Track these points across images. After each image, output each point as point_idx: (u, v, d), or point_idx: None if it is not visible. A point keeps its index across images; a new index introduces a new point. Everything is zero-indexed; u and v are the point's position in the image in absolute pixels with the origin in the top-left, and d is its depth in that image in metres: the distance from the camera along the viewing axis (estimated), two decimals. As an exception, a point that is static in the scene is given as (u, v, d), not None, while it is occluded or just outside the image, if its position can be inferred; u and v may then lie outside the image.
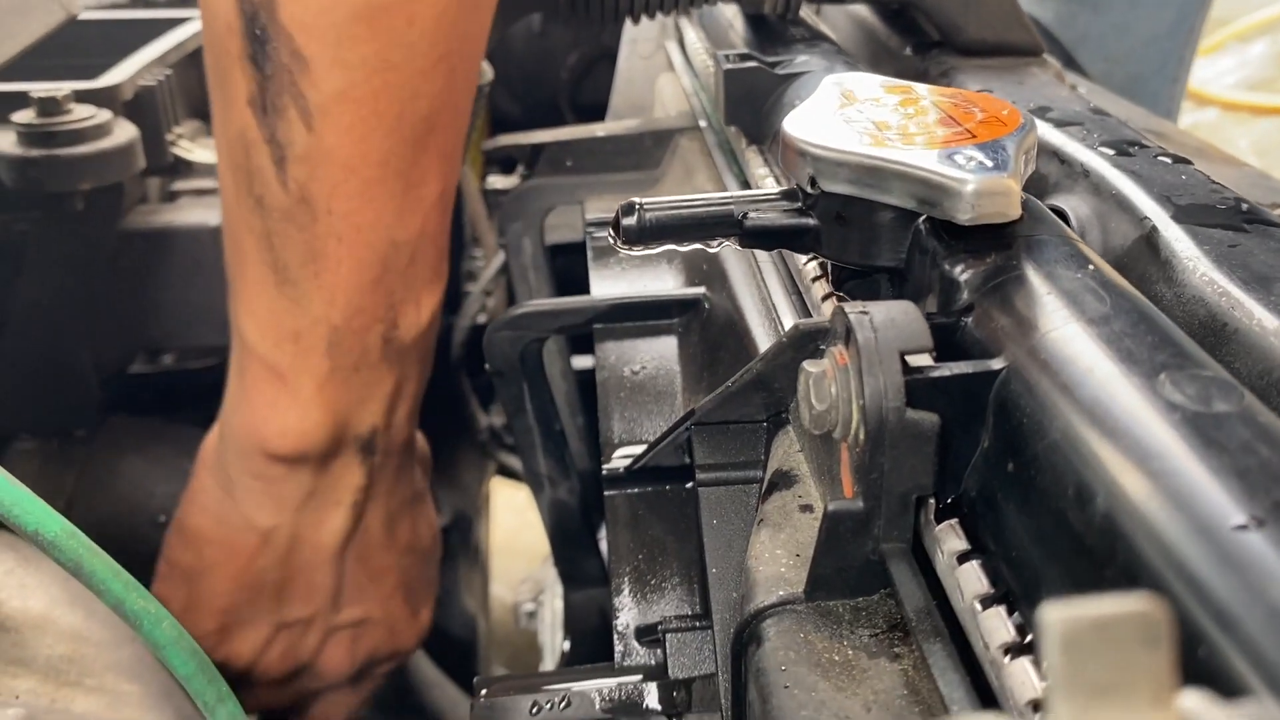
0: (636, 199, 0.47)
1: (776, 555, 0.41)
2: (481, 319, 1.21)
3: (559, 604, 0.86)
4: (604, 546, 0.73)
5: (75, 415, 0.84)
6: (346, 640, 0.80)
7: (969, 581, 0.35)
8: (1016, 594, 0.34)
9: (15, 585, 0.63)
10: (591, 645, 0.75)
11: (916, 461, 0.36)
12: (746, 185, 0.73)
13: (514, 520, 1.83)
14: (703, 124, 0.85)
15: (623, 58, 1.11)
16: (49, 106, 0.73)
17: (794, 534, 0.42)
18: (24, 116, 0.73)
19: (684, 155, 0.85)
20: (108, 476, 0.83)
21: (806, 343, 0.41)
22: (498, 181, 0.86)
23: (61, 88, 0.75)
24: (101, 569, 0.43)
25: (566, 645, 0.76)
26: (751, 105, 0.73)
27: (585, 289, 0.70)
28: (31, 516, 0.43)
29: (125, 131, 0.76)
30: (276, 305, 0.67)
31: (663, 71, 1.04)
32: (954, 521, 0.37)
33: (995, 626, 0.33)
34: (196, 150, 0.85)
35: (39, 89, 0.74)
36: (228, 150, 0.66)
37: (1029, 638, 0.33)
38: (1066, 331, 0.35)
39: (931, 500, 0.38)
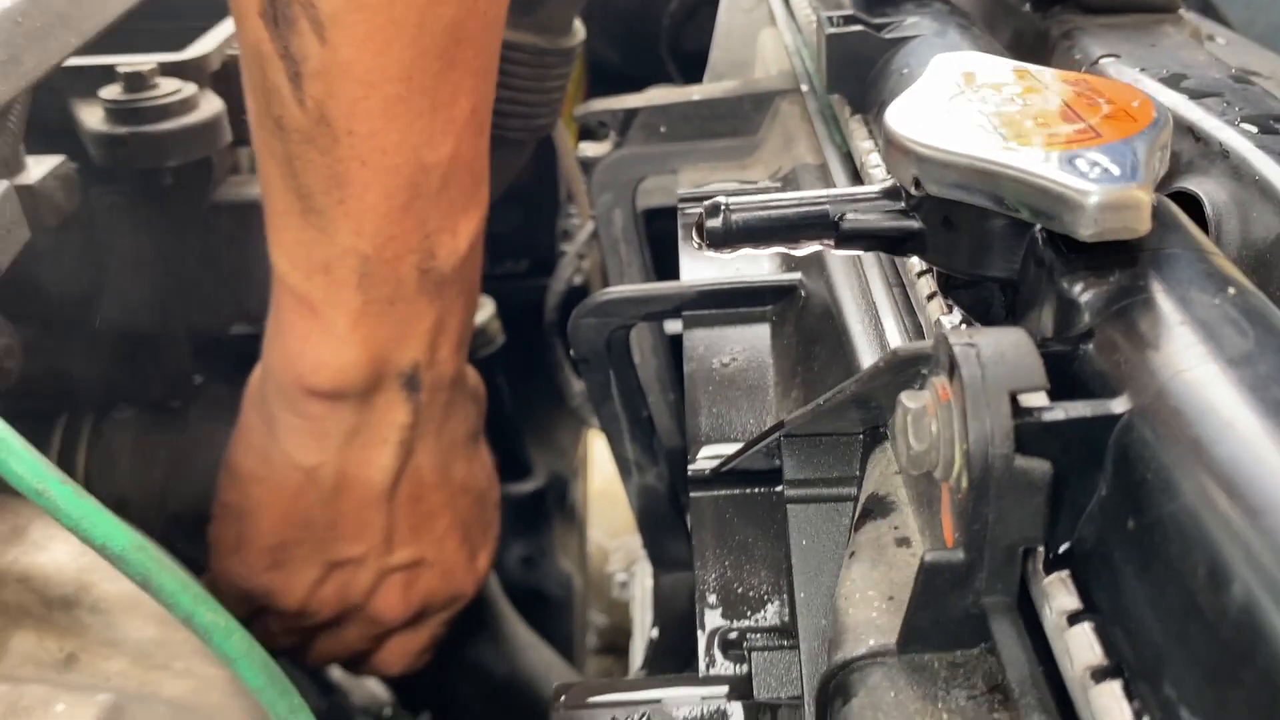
0: (722, 198, 0.43)
1: (869, 596, 0.38)
2: (577, 280, 1.19)
3: (649, 582, 0.84)
4: (692, 539, 0.71)
5: (171, 385, 0.84)
6: (400, 583, 0.78)
7: (1080, 648, 0.32)
8: (1133, 670, 0.30)
9: (107, 566, 0.64)
10: (679, 635, 0.73)
11: (1025, 513, 0.32)
12: (849, 159, 0.68)
13: (614, 467, 1.82)
14: (804, 88, 0.80)
15: (723, 10, 1.06)
16: (135, 82, 0.72)
17: (888, 572, 0.39)
18: (110, 92, 0.73)
19: (784, 121, 0.80)
20: (202, 447, 0.84)
21: (906, 368, 0.37)
22: (589, 149, 0.83)
23: (147, 61, 0.74)
24: (170, 583, 0.42)
25: (655, 633, 0.75)
26: (856, 72, 0.68)
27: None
28: (99, 530, 0.42)
29: (211, 105, 0.75)
30: (303, 235, 0.64)
31: (765, 26, 0.99)
32: (1065, 574, 0.34)
33: (1109, 707, 0.30)
34: (286, 119, 0.84)
35: (125, 62, 0.73)
36: (246, 68, 0.62)
37: (1147, 721, 0.29)
38: (1201, 373, 0.31)
39: (1041, 549, 0.34)
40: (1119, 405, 0.32)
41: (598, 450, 1.56)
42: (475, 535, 0.82)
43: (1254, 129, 0.53)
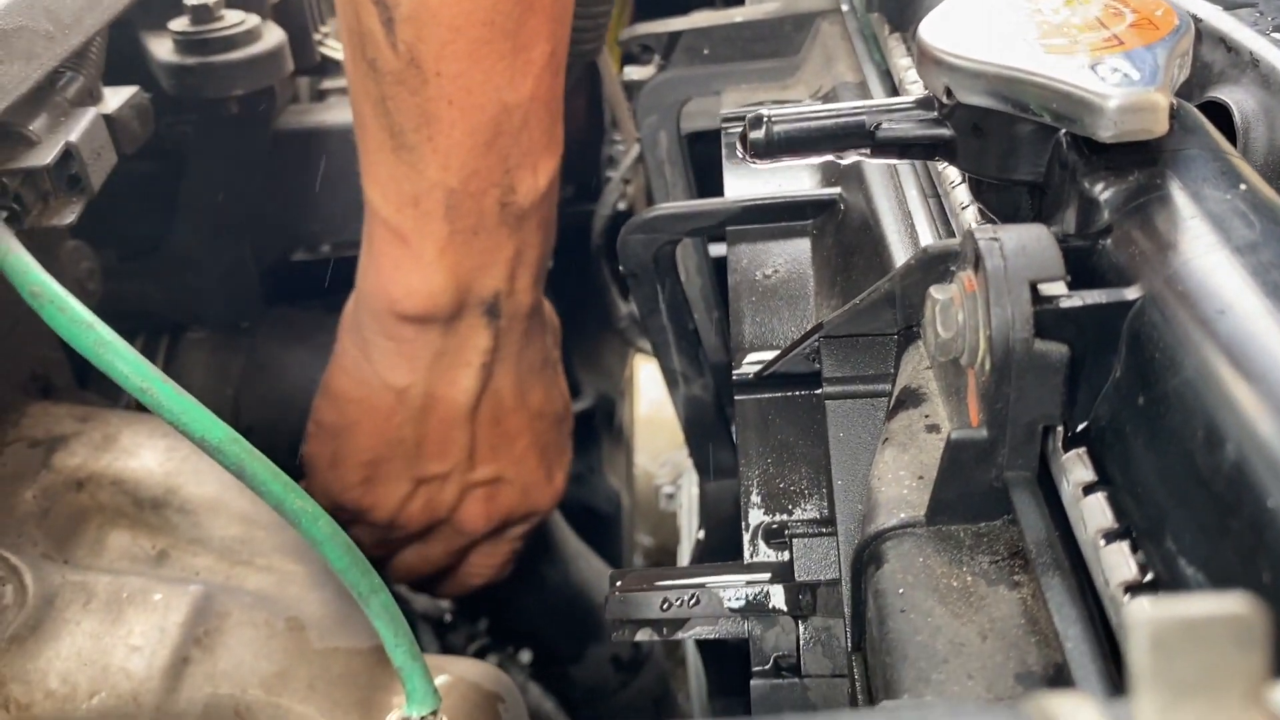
0: (764, 111, 0.46)
1: (900, 476, 0.41)
2: (621, 206, 1.21)
3: (696, 491, 0.88)
4: (737, 440, 0.74)
5: (240, 307, 0.89)
6: (482, 497, 0.84)
7: (1093, 514, 0.35)
8: (1140, 530, 0.33)
9: (191, 471, 0.69)
10: (724, 536, 0.77)
11: (1043, 392, 0.35)
12: (888, 76, 0.70)
13: (658, 393, 1.86)
14: (845, 7, 0.82)
15: (765, -68, 1.07)
16: (201, 14, 0.75)
17: (918, 455, 0.42)
18: (179, 24, 0.76)
19: (824, 41, 0.82)
20: (271, 365, 0.88)
21: (935, 264, 0.40)
22: (634, 73, 0.85)
23: (212, -7, 0.77)
24: (262, 471, 0.46)
25: (701, 534, 0.79)
26: (895, -10, 0.70)
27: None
28: (198, 424, 0.47)
29: (274, 36, 0.78)
30: (395, 170, 0.70)
31: (805, -53, 1.00)
32: (1082, 450, 0.37)
33: (1117, 563, 0.33)
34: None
35: (192, -6, 0.77)
36: (342, 14, 0.68)
37: (1150, 575, 0.32)
38: (1208, 260, 0.34)
39: (1060, 428, 0.37)
40: (1132, 292, 0.35)
41: (643, 376, 1.60)
42: (552, 456, 0.88)
43: (1285, 38, 0.55)
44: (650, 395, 1.80)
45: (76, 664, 0.57)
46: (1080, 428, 0.37)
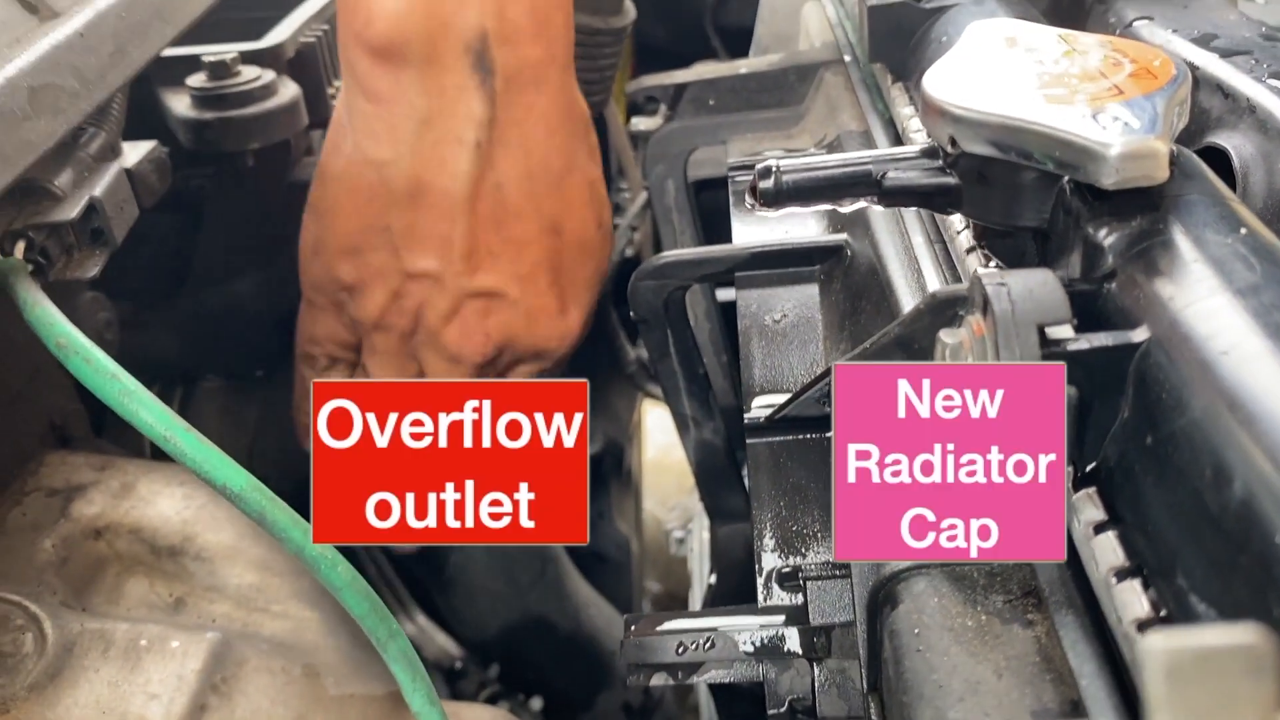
0: (773, 161, 0.47)
1: (912, 517, 0.42)
2: (629, 252, 1.23)
3: (706, 535, 0.89)
4: (749, 483, 0.74)
5: (255, 356, 0.90)
6: (479, 310, 0.74)
7: (1104, 552, 0.35)
8: (1151, 568, 0.34)
9: (208, 519, 0.69)
10: (736, 579, 0.77)
11: (1053, 434, 0.36)
12: (891, 125, 0.72)
13: (666, 439, 1.87)
14: (847, 58, 0.83)
15: (767, -15, 1.09)
16: (219, 70, 0.77)
17: (931, 496, 0.42)
18: (197, 80, 0.78)
19: (828, 91, 0.83)
20: (284, 413, 0.89)
21: (944, 309, 0.41)
22: (641, 123, 0.87)
23: (229, 50, 0.79)
24: (283, 519, 0.47)
25: (713, 579, 0.79)
26: (897, 41, 0.71)
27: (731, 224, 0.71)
28: (220, 472, 0.47)
29: (289, 91, 0.79)
30: None
31: (808, 0, 1.02)
32: (1092, 490, 0.37)
33: (1129, 600, 0.33)
34: (354, 102, 0.89)
35: (209, 52, 0.79)
36: None
37: (1163, 612, 0.33)
38: (1211, 304, 0.35)
39: (1070, 468, 0.38)
40: (1138, 335, 0.36)
41: (651, 421, 1.61)
42: (568, 285, 0.76)
43: (1280, 84, 0.56)
44: (658, 440, 1.81)
45: (95, 712, 0.58)
46: (1090, 468, 0.38)
